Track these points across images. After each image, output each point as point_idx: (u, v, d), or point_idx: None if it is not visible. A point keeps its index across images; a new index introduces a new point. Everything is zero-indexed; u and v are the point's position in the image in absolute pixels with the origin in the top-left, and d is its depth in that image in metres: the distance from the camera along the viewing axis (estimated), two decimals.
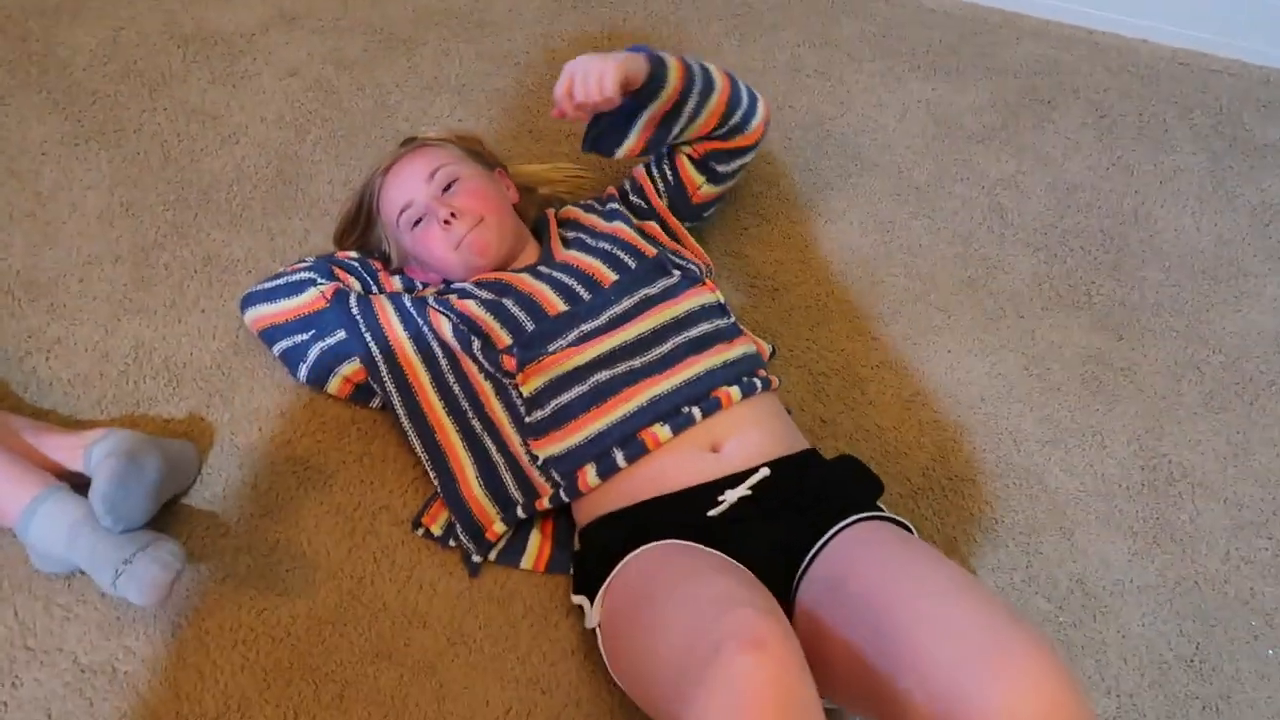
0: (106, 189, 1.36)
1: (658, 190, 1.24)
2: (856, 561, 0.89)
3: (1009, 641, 0.76)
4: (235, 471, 1.12)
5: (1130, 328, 1.37)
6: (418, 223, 1.13)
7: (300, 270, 1.14)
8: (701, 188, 1.23)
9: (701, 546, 0.93)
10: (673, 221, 1.24)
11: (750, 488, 0.97)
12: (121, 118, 1.44)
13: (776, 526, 0.96)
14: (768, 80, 1.61)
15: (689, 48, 1.64)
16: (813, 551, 0.93)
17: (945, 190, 1.49)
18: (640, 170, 1.26)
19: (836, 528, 0.93)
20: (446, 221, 1.10)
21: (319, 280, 1.13)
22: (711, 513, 0.96)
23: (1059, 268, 1.42)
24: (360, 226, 1.20)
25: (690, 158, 1.22)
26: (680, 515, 0.97)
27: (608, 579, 0.94)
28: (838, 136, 1.54)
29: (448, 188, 1.13)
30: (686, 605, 0.81)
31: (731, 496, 0.96)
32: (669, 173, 1.23)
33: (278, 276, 1.14)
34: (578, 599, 1.01)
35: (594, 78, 1.02)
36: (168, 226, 1.33)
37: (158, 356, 1.20)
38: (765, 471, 0.98)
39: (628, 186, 1.26)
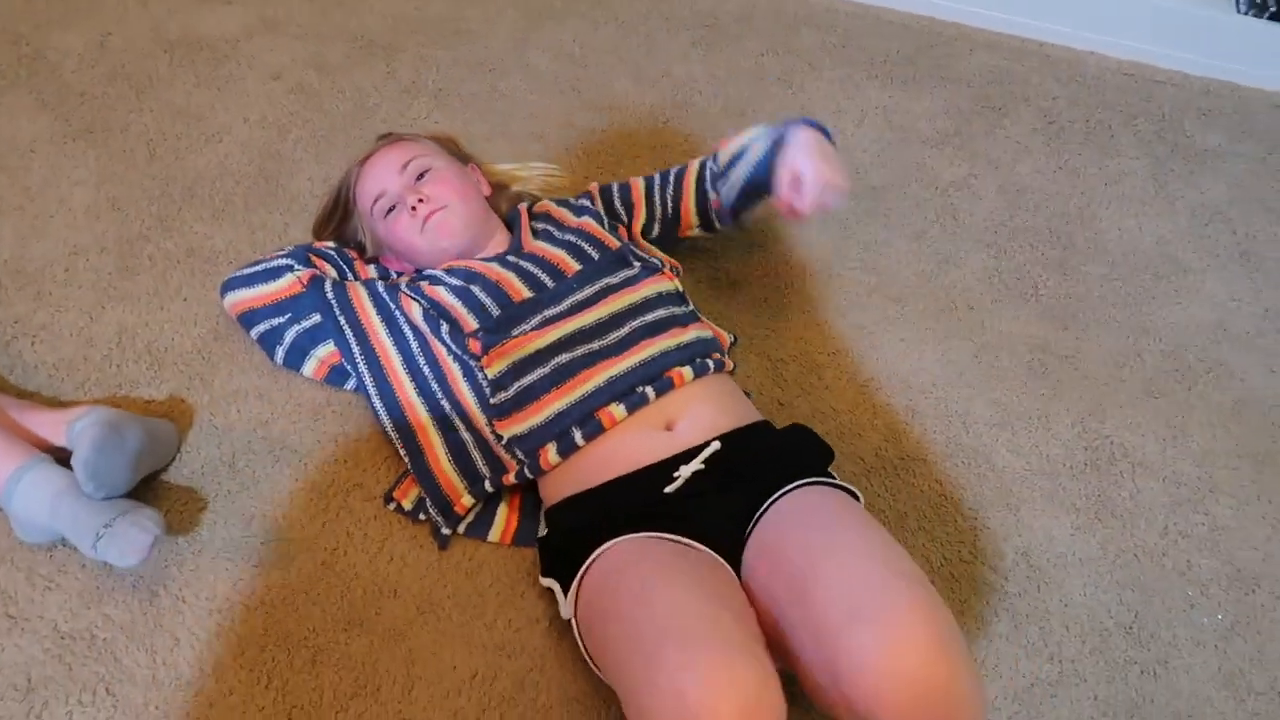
0: (94, 185, 1.41)
1: (650, 217, 1.28)
2: (787, 526, 0.94)
3: (894, 601, 0.81)
4: (214, 450, 1.16)
5: (1075, 319, 1.44)
6: (390, 211, 1.18)
7: (278, 257, 1.19)
8: (693, 229, 1.30)
9: (668, 537, 0.96)
10: (643, 245, 1.28)
11: (703, 462, 1.01)
12: (109, 118, 1.49)
13: (730, 497, 1.00)
14: (732, 87, 1.68)
15: (658, 56, 1.71)
16: (755, 517, 0.98)
17: (900, 191, 1.56)
18: (639, 191, 1.29)
19: (778, 493, 0.98)
20: (414, 207, 1.15)
21: (296, 267, 1.18)
22: (668, 489, 1.00)
23: (1008, 263, 1.49)
24: (338, 217, 1.25)
25: (700, 202, 1.27)
26: (638, 495, 1.01)
27: (577, 576, 0.97)
28: None
29: (420, 177, 1.18)
30: (650, 632, 0.83)
31: (685, 472, 1.00)
32: (670, 202, 1.28)
33: (256, 263, 1.19)
34: (547, 582, 1.05)
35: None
36: (152, 220, 1.38)
37: (140, 341, 1.25)
38: (716, 445, 1.02)
39: (615, 196, 1.29)
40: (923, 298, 1.43)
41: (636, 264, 1.18)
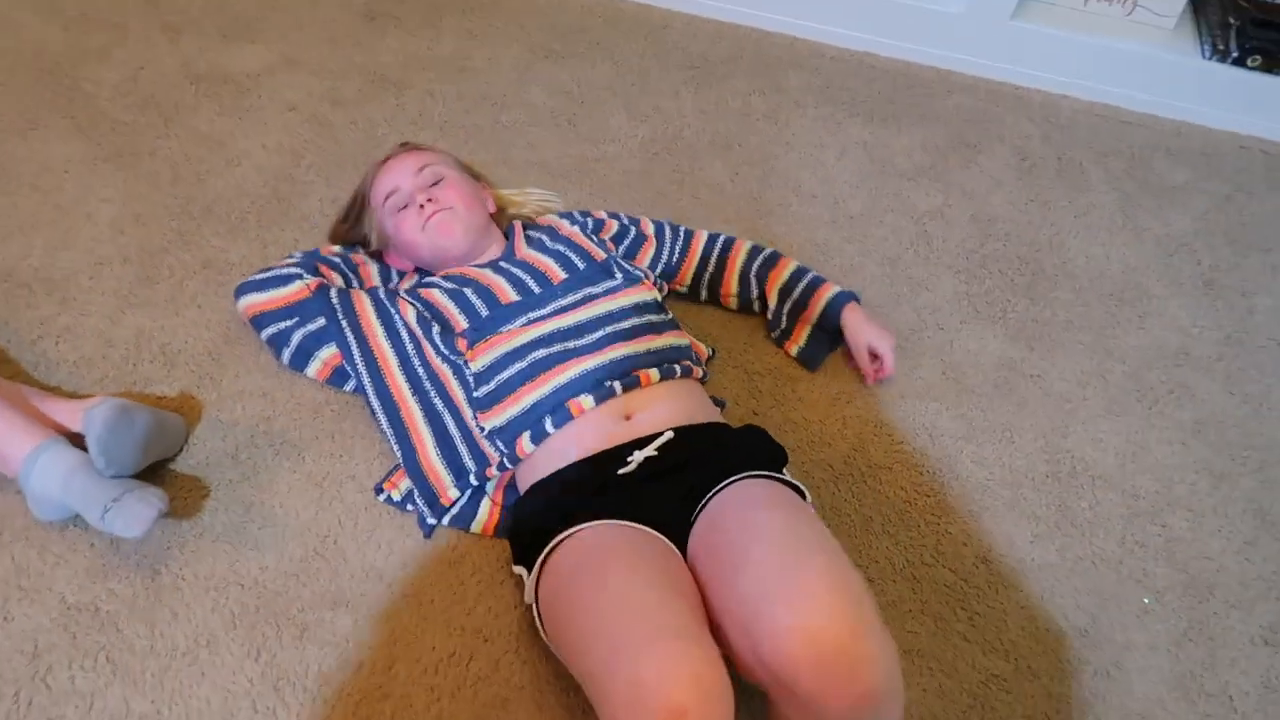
0: (120, 202, 1.52)
1: (654, 259, 1.39)
2: (729, 514, 1.01)
3: (804, 575, 0.88)
4: (218, 444, 1.24)
5: (1042, 341, 1.50)
6: (402, 209, 1.28)
7: (288, 265, 1.28)
8: (683, 287, 1.43)
9: (622, 523, 1.02)
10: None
11: (656, 449, 1.08)
12: (137, 142, 1.61)
13: (679, 483, 1.07)
14: (720, 123, 1.78)
15: (652, 93, 1.82)
16: (701, 504, 1.05)
17: (877, 219, 1.65)
18: (649, 233, 1.39)
19: (722, 484, 1.05)
20: (421, 205, 1.25)
21: (305, 275, 1.27)
22: (621, 471, 1.07)
23: (978, 287, 1.57)
24: (354, 215, 1.35)
25: (698, 273, 1.40)
26: (594, 476, 1.08)
27: (537, 562, 1.03)
28: (781, 171, 1.71)
29: (434, 184, 1.28)
30: (608, 621, 0.89)
31: (639, 456, 1.08)
32: (676, 255, 1.40)
33: (268, 270, 1.28)
34: (518, 569, 1.11)
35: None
36: (173, 234, 1.48)
37: (156, 343, 1.34)
38: (669, 434, 1.10)
39: (630, 238, 1.38)
40: (895, 318, 1.50)
41: (619, 274, 1.27)
